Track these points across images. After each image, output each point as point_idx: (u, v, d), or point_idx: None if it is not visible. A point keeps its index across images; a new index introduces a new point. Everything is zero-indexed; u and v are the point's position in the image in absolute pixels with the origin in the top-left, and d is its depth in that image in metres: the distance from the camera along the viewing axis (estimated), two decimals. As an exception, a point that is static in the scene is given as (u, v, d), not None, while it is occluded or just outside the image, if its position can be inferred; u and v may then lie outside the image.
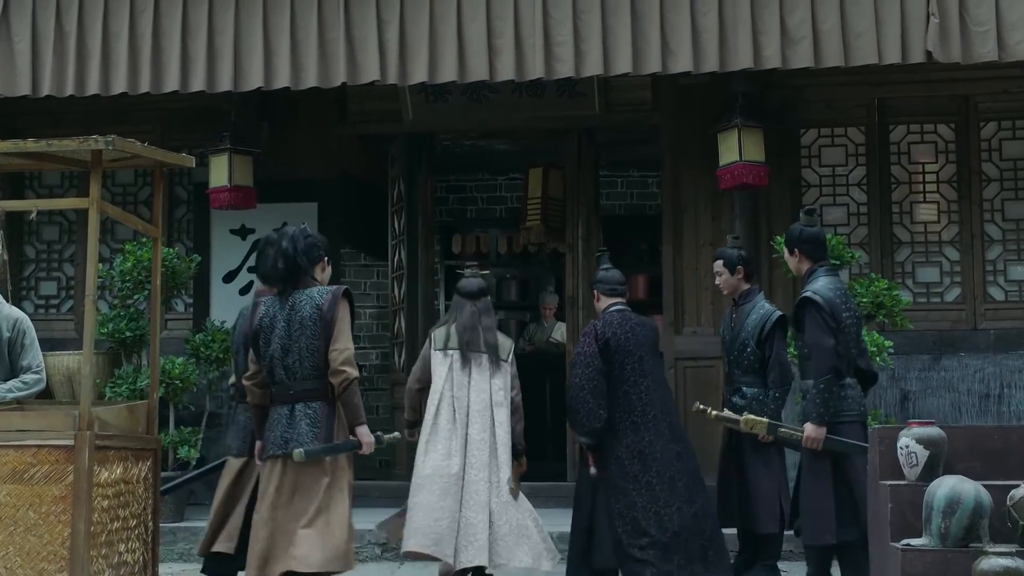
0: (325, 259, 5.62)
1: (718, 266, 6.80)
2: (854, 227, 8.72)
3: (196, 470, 7.58)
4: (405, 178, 10.20)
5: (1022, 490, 4.53)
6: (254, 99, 8.81)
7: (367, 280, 12.40)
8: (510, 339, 6.77)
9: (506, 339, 6.68)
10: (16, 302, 9.25)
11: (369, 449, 5.39)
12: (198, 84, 8.01)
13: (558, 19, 7.73)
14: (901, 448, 4.88)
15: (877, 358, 7.50)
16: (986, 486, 4.59)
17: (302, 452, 5.19)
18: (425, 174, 10.36)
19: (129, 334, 8.29)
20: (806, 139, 8.84)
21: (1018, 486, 4.57)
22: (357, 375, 5.27)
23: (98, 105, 8.70)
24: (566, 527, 6.59)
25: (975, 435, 5.08)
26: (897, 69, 7.96)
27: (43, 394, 7.32)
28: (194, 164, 6.18)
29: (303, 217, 9.02)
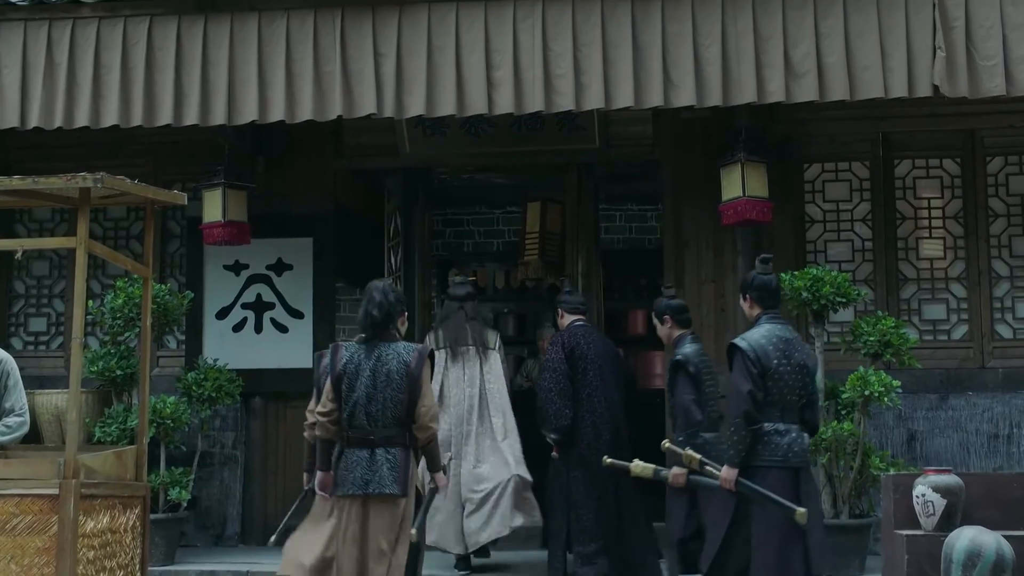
0: (405, 314, 6.05)
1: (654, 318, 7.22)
2: (859, 263, 8.57)
3: None
4: (402, 212, 10.06)
5: (1045, 542, 4.38)
6: (249, 133, 8.67)
7: (362, 315, 12.25)
8: (496, 331, 8.06)
9: (492, 331, 8.07)
10: (5, 339, 9.13)
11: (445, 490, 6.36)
12: (191, 118, 7.87)
13: (558, 52, 7.60)
14: (917, 496, 4.73)
15: (885, 398, 7.35)
16: (1006, 537, 4.43)
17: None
18: (422, 209, 10.23)
19: (119, 372, 8.10)
20: (810, 174, 8.70)
21: (1040, 538, 4.42)
22: (438, 429, 5.87)
23: (90, 138, 8.58)
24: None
25: (993, 483, 4.94)
26: (901, 103, 7.84)
27: (30, 434, 7.16)
28: (186, 201, 6.04)
29: (298, 253, 9.02)
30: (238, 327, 9.05)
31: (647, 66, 7.53)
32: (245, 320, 9.04)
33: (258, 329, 9.03)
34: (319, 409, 5.80)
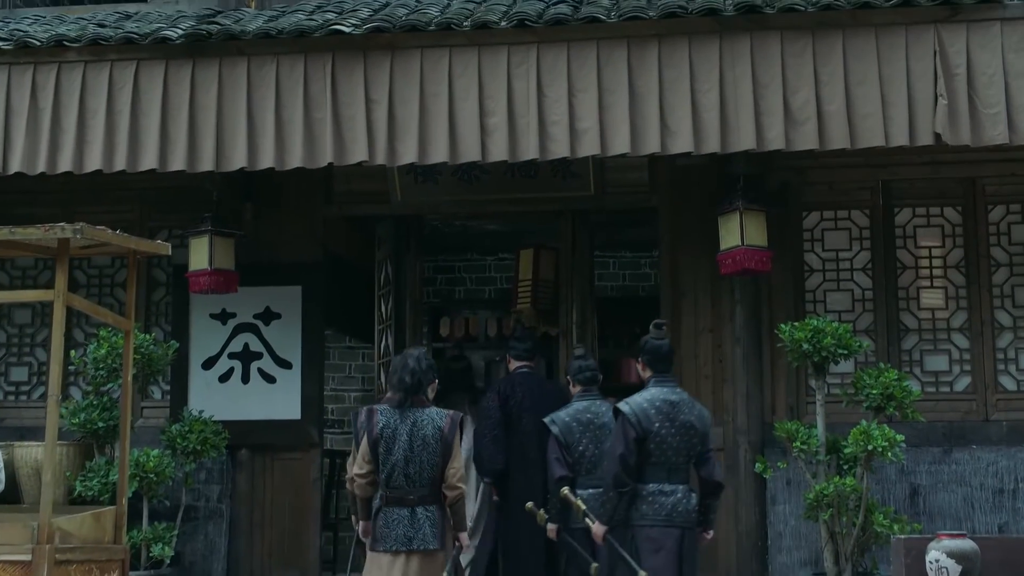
0: (435, 381, 6.43)
1: None
2: (859, 313, 8.39)
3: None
4: (393, 259, 9.90)
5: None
6: (237, 179, 8.50)
7: (352, 363, 12.10)
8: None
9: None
10: (-16, 389, 8.92)
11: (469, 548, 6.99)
12: (178, 163, 7.69)
13: (553, 98, 7.45)
14: (931, 562, 4.55)
15: (888, 453, 7.16)
16: (1025, 606, 4.24)
17: None
18: (413, 257, 10.07)
19: (102, 424, 7.87)
20: (808, 222, 8.54)
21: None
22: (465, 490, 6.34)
23: (75, 184, 8.39)
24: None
25: (1010, 548, 4.76)
26: (901, 151, 7.67)
27: (8, 488, 6.94)
28: (169, 251, 5.88)
29: (287, 301, 8.84)
30: (224, 377, 8.84)
31: (644, 112, 7.37)
32: (232, 370, 8.84)
33: (245, 379, 8.82)
34: (356, 471, 6.28)
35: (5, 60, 7.94)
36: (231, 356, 8.85)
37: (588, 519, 6.44)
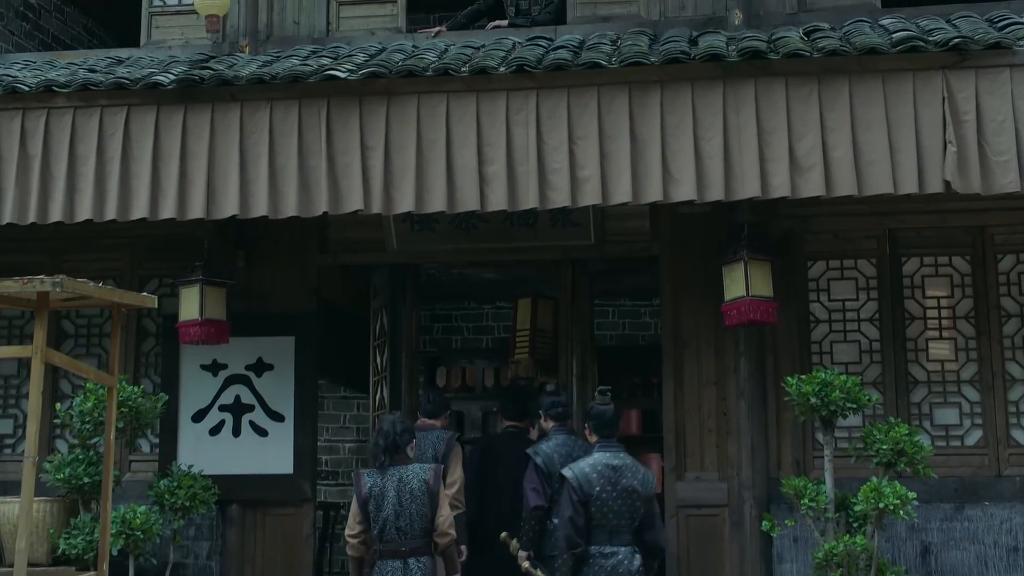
0: (413, 442, 6.72)
1: None
2: (867, 365, 8.18)
3: None
4: (388, 309, 9.72)
5: None
6: (229, 227, 8.33)
7: (347, 413, 11.89)
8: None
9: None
10: (-33, 443, 8.69)
11: None
12: (168, 211, 7.50)
13: (553, 145, 7.27)
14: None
15: (900, 511, 6.92)
16: None
17: None
18: (410, 306, 9.89)
19: (87, 480, 7.60)
20: (814, 271, 8.35)
21: None
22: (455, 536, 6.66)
23: (65, 231, 8.19)
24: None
25: (1035, 618, 4.49)
26: (908, 199, 7.50)
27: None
28: (156, 304, 5.66)
29: (279, 352, 8.63)
30: (215, 430, 8.60)
31: (646, 159, 7.19)
32: (223, 423, 8.60)
33: (236, 433, 8.59)
34: (347, 532, 6.58)
35: (-7, 106, 7.77)
36: (222, 408, 8.62)
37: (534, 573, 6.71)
